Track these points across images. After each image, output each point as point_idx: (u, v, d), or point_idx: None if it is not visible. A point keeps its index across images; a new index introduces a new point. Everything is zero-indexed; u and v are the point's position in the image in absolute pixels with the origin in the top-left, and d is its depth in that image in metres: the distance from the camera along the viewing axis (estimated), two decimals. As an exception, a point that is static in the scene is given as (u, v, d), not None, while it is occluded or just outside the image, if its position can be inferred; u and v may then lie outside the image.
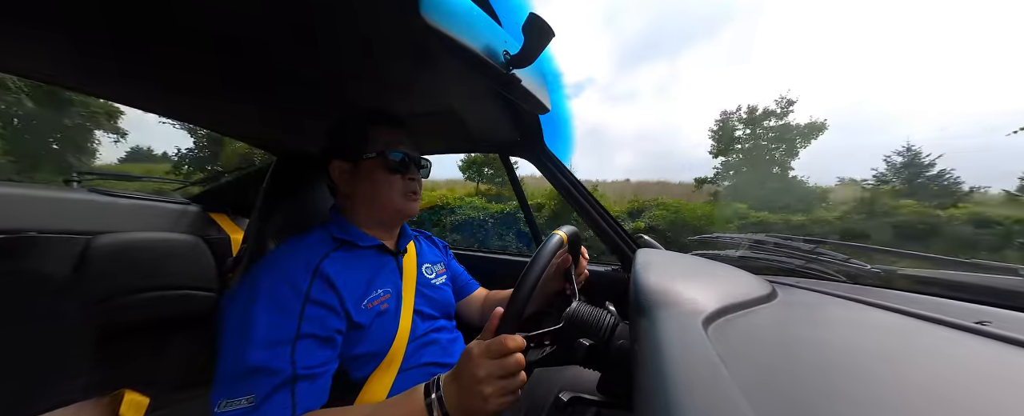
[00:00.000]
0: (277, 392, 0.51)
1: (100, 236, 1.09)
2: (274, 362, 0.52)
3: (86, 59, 0.68)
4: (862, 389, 0.27)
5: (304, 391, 0.53)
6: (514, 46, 0.64)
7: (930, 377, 0.29)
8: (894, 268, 0.71)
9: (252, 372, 0.51)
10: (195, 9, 0.52)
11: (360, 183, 0.73)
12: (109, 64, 0.70)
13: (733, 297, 0.49)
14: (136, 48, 0.63)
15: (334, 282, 0.62)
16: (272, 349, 0.53)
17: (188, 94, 0.86)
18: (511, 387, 0.47)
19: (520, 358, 0.47)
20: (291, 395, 0.51)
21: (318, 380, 0.56)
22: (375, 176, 0.72)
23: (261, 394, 0.50)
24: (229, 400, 0.50)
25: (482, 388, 0.46)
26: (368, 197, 0.73)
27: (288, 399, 0.51)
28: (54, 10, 0.52)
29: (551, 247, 0.57)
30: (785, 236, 0.93)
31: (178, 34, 0.58)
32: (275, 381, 0.51)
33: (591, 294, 0.71)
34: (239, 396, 0.50)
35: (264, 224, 1.08)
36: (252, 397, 0.50)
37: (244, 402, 0.49)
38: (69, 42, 0.62)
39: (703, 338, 0.34)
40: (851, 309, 0.52)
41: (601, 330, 0.54)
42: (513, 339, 0.47)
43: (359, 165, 0.72)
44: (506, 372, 0.46)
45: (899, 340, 0.39)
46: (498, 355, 0.47)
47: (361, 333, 0.63)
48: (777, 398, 0.25)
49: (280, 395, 0.51)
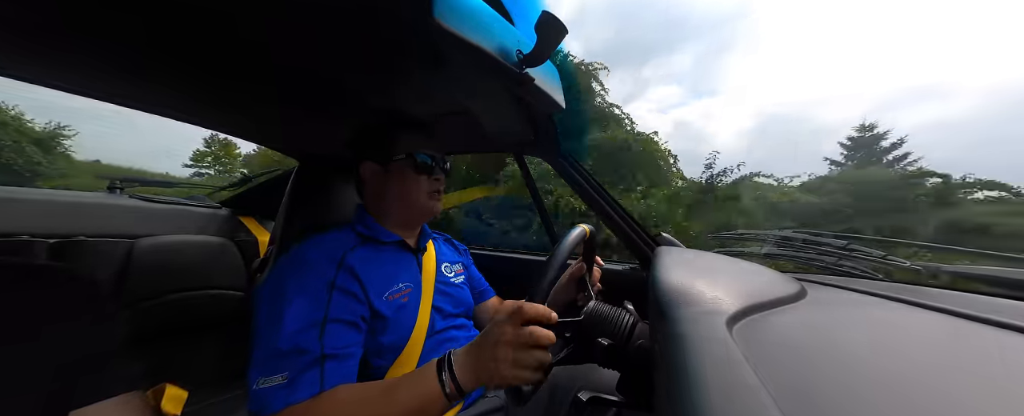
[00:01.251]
0: (308, 370, 0.54)
1: (142, 239, 1.16)
2: (304, 343, 0.56)
3: (113, 68, 0.71)
4: (904, 396, 0.25)
5: (332, 369, 0.56)
6: (527, 45, 0.64)
7: (981, 382, 0.27)
8: (936, 264, 0.66)
9: (285, 353, 0.55)
10: (217, 18, 0.54)
11: (390, 184, 0.76)
12: (137, 73, 0.73)
13: (759, 296, 0.47)
14: (164, 57, 0.66)
15: (358, 273, 0.65)
16: (303, 332, 0.57)
17: (213, 102, 0.90)
18: (529, 360, 0.46)
19: (543, 331, 0.47)
20: (320, 373, 0.55)
21: (346, 361, 0.59)
22: (404, 177, 0.76)
23: (294, 372, 0.54)
24: (265, 378, 0.54)
25: (498, 351, 0.46)
26: (397, 197, 0.77)
27: (317, 376, 0.55)
28: (85, 21, 0.55)
29: (576, 234, 0.57)
30: (815, 232, 0.89)
31: (202, 43, 0.61)
32: (306, 360, 0.55)
33: (610, 294, 0.70)
34: (274, 374, 0.54)
35: (289, 226, 1.12)
36: (286, 375, 0.53)
37: (279, 379, 0.53)
38: (97, 53, 0.65)
39: (727, 338, 0.33)
40: (889, 309, 0.49)
41: (620, 329, 0.53)
42: (536, 308, 0.47)
43: (389, 166, 0.76)
44: (527, 341, 0.46)
45: (945, 342, 0.36)
46: (521, 321, 0.47)
47: (383, 323, 0.66)
48: (808, 403, 0.24)
49: (310, 372, 0.54)
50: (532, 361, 0.47)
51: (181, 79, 0.76)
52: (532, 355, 0.46)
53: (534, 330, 0.46)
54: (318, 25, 0.55)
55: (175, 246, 1.22)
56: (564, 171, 1.08)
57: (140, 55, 0.66)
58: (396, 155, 0.75)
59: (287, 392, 0.53)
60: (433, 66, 0.66)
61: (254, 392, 0.54)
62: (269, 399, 0.53)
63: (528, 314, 0.47)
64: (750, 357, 0.29)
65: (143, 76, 0.75)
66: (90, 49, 0.64)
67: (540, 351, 0.47)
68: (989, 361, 0.31)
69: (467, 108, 0.89)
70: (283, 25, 0.56)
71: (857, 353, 0.33)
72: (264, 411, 0.53)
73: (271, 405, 0.52)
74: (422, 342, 0.70)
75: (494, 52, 0.58)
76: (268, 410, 0.52)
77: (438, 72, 0.69)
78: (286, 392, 0.53)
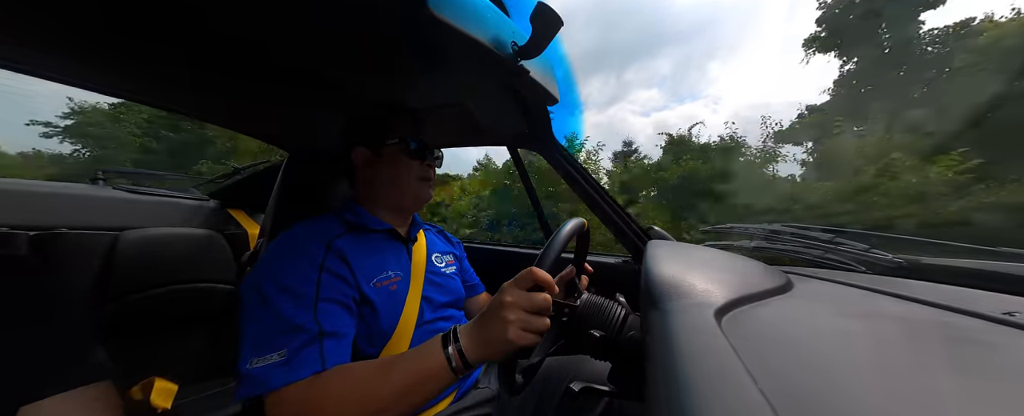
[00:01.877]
0: (306, 347, 0.53)
1: (127, 232, 1.14)
2: (299, 320, 0.54)
3: (106, 60, 0.70)
4: (881, 383, 0.26)
5: (331, 348, 0.55)
6: (522, 37, 0.63)
7: (956, 369, 0.28)
8: (917, 258, 0.68)
9: (280, 331, 0.53)
10: (210, 8, 0.53)
11: (382, 168, 0.76)
12: (127, 64, 0.72)
13: (747, 288, 0.48)
14: (153, 48, 0.64)
15: (347, 257, 0.65)
16: (297, 310, 0.55)
17: (202, 92, 0.88)
18: (534, 324, 0.47)
19: (548, 297, 0.48)
20: (320, 350, 0.53)
21: (342, 340, 0.58)
22: (397, 161, 0.75)
23: (292, 348, 0.52)
24: (259, 357, 0.51)
25: (506, 314, 0.47)
26: (389, 181, 0.76)
27: (317, 353, 0.53)
28: (74, 13, 0.54)
29: (575, 223, 0.57)
30: (802, 225, 0.91)
31: (193, 33, 0.59)
32: (304, 337, 0.53)
33: (602, 286, 0.71)
34: (270, 352, 0.52)
35: (279, 218, 1.10)
36: (283, 352, 0.51)
37: (276, 356, 0.51)
38: (90, 44, 0.63)
39: (716, 329, 0.33)
40: (872, 300, 0.51)
41: (612, 321, 0.54)
42: (543, 273, 0.48)
43: (382, 151, 0.75)
44: (532, 305, 0.47)
45: (923, 332, 0.38)
46: (526, 285, 0.48)
47: (371, 310, 0.65)
48: (793, 391, 0.25)
49: (309, 349, 0.53)
50: (538, 325, 0.48)
51: (172, 70, 0.75)
52: (537, 320, 0.48)
53: (538, 296, 0.48)
54: (312, 16, 0.54)
55: (162, 238, 1.20)
56: (557, 163, 1.08)
57: (132, 46, 0.64)
58: (389, 140, 0.75)
59: (286, 370, 0.50)
60: (427, 57, 0.65)
61: (247, 373, 0.50)
62: (266, 377, 0.50)
63: (537, 276, 0.48)
64: (738, 348, 0.29)
65: (134, 66, 0.73)
66: (82, 41, 0.62)
67: (543, 318, 0.48)
68: (960, 346, 0.33)
69: (462, 100, 0.89)
70: (276, 16, 0.54)
71: (840, 343, 0.34)
72: (262, 390, 0.49)
73: (269, 382, 0.49)
74: (411, 332, 0.70)
75: (489, 43, 0.57)
76: (267, 388, 0.49)
77: (432, 64, 0.68)
78: (285, 370, 0.50)
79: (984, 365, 0.29)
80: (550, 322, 0.49)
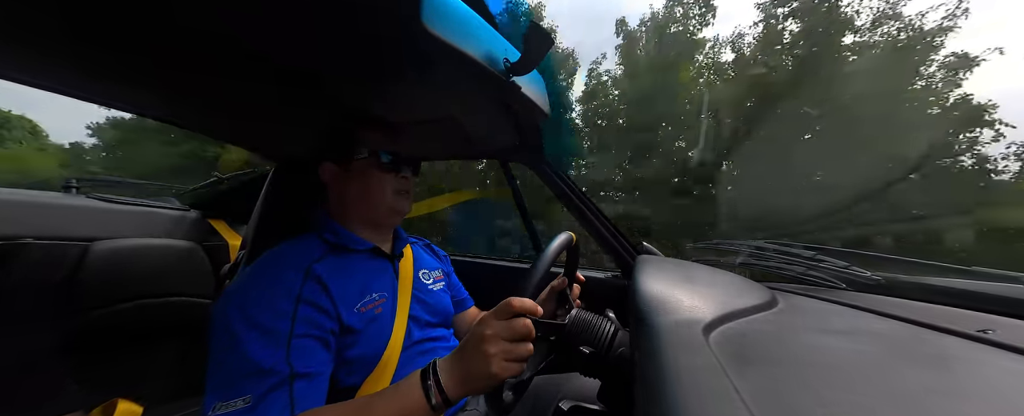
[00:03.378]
0: (274, 391, 0.50)
1: (98, 242, 1.09)
2: (269, 362, 0.51)
3: (79, 62, 0.68)
4: (862, 397, 0.27)
5: (302, 390, 0.52)
6: (514, 54, 0.65)
7: (932, 385, 0.29)
8: (895, 275, 0.70)
9: (247, 374, 0.50)
10: (193, 12, 0.52)
11: (352, 183, 0.74)
12: (105, 68, 0.70)
13: (733, 304, 0.49)
14: (134, 52, 0.63)
15: (327, 284, 0.62)
16: (266, 351, 0.52)
17: (186, 100, 0.86)
18: (517, 352, 0.46)
19: (529, 323, 0.47)
20: (289, 393, 0.50)
21: (315, 380, 0.54)
22: (367, 175, 0.73)
23: (257, 393, 0.49)
24: (224, 403, 0.48)
25: (487, 347, 0.45)
26: (359, 196, 0.74)
27: (286, 398, 0.50)
28: (48, 18, 0.52)
29: (563, 239, 0.57)
30: (786, 243, 0.93)
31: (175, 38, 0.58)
32: (272, 381, 0.50)
33: (591, 301, 0.70)
34: (234, 398, 0.48)
35: (262, 231, 1.07)
36: (248, 397, 0.48)
37: (240, 403, 0.48)
38: (66, 50, 0.62)
39: (703, 345, 0.33)
40: (851, 316, 0.52)
41: (602, 338, 0.53)
42: (522, 301, 0.47)
43: (351, 165, 0.73)
44: (513, 334, 0.46)
45: (900, 348, 0.39)
46: (506, 315, 0.47)
47: (354, 337, 0.62)
48: (778, 406, 0.25)
49: (278, 394, 0.50)
50: (522, 353, 0.46)
51: (156, 78, 0.73)
52: (519, 348, 0.46)
53: (519, 323, 0.47)
54: (305, 26, 0.54)
55: (136, 250, 1.15)
56: (548, 178, 1.09)
57: (117, 54, 0.63)
58: (358, 154, 0.72)
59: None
60: (420, 71, 0.65)
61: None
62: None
63: (515, 307, 0.47)
64: (725, 364, 0.29)
65: (119, 75, 0.72)
66: (64, 48, 0.61)
67: (526, 344, 0.47)
68: (935, 363, 0.34)
69: (453, 114, 0.89)
70: (265, 26, 0.54)
71: (824, 361, 0.35)
72: None
73: None
74: (397, 355, 0.67)
75: (481, 59, 0.58)
76: None
77: (425, 78, 0.69)
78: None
79: (961, 382, 0.30)
80: (535, 345, 0.48)
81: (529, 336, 0.47)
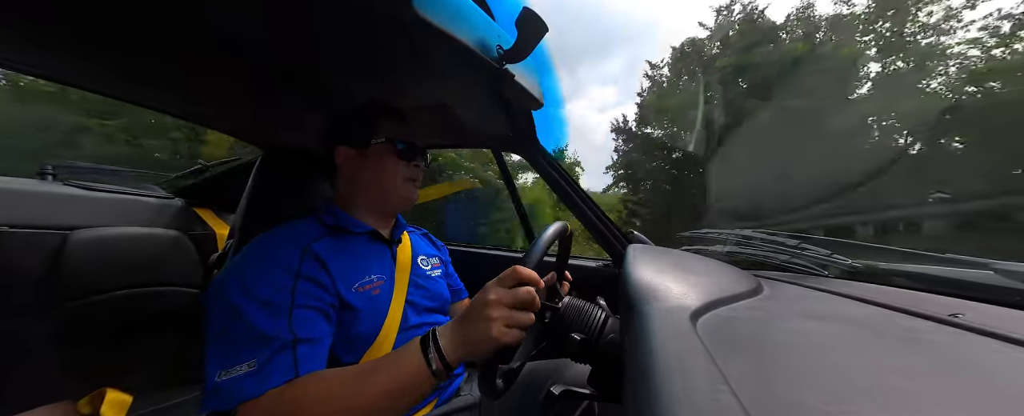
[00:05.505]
0: (278, 354, 0.50)
1: (77, 231, 1.05)
2: (272, 330, 0.52)
3: (73, 52, 0.65)
4: (841, 379, 0.28)
5: (305, 353, 0.52)
6: (507, 41, 0.64)
7: (905, 366, 0.30)
8: (874, 263, 0.73)
9: (250, 341, 0.50)
10: (185, 4, 0.50)
11: (367, 168, 0.74)
12: (93, 55, 0.67)
13: (720, 292, 0.50)
14: (122, 39, 0.61)
15: (325, 262, 0.62)
16: (268, 320, 0.52)
17: (175, 86, 0.83)
18: (518, 319, 0.47)
19: (532, 292, 0.48)
20: (293, 356, 0.51)
21: (317, 345, 0.55)
22: (383, 161, 0.74)
23: (263, 358, 0.49)
24: (228, 369, 0.49)
25: (490, 311, 0.46)
26: (373, 181, 0.74)
27: (290, 360, 0.50)
28: (41, 4, 0.50)
29: (558, 227, 0.58)
30: (771, 232, 0.96)
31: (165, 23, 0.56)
32: (276, 345, 0.51)
33: (583, 289, 0.71)
34: (239, 363, 0.49)
35: (250, 219, 1.06)
36: (253, 362, 0.49)
37: (245, 367, 0.49)
38: (57, 36, 0.59)
39: (691, 332, 0.35)
40: (832, 302, 0.54)
41: (592, 325, 0.55)
42: (528, 270, 0.48)
43: (367, 151, 0.74)
44: (516, 301, 0.47)
45: (876, 332, 0.40)
46: (510, 283, 0.48)
47: (352, 315, 0.63)
48: (762, 389, 0.26)
49: (282, 356, 0.50)
50: (523, 320, 0.47)
51: (145, 65, 0.70)
52: (521, 316, 0.47)
53: (522, 291, 0.47)
54: (293, 12, 0.52)
55: (117, 239, 1.12)
56: (540, 167, 1.09)
57: (104, 40, 0.61)
58: (375, 139, 0.73)
59: (257, 379, 0.48)
60: (411, 58, 0.64)
61: (215, 386, 0.48)
62: (235, 389, 0.47)
63: (521, 275, 0.48)
64: (711, 349, 0.30)
65: (107, 62, 0.69)
66: (48, 32, 0.58)
67: (528, 313, 0.48)
68: (909, 345, 0.35)
69: (445, 102, 0.88)
70: (256, 12, 0.52)
71: (806, 344, 0.36)
72: (232, 403, 0.47)
73: (239, 394, 0.47)
74: (393, 337, 0.68)
75: (474, 46, 0.57)
76: (237, 400, 0.47)
77: (417, 64, 0.68)
78: (256, 380, 0.48)
79: (933, 362, 0.31)
80: (534, 319, 0.49)
81: (532, 305, 0.48)
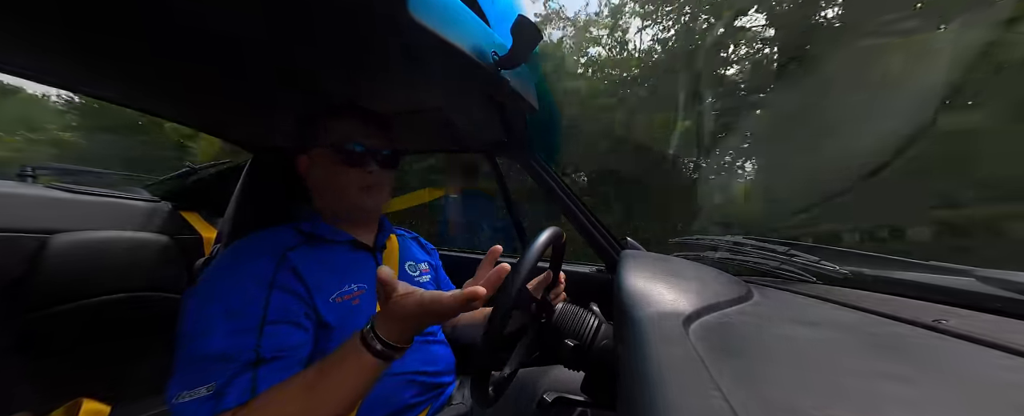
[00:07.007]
0: (238, 376, 0.49)
1: (58, 235, 1.02)
2: (235, 349, 0.50)
3: (63, 53, 0.64)
4: (830, 383, 0.28)
5: (266, 374, 0.50)
6: (502, 47, 0.64)
7: (891, 370, 0.31)
8: (861, 270, 0.74)
9: (212, 360, 0.49)
10: (176, 4, 0.50)
11: (314, 175, 0.72)
12: (82, 57, 0.66)
13: (712, 297, 0.51)
14: (117, 43, 0.60)
15: (301, 272, 0.60)
16: (235, 337, 0.51)
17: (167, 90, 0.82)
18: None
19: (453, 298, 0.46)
20: (252, 378, 0.49)
21: (285, 360, 0.53)
22: (327, 167, 0.69)
23: (221, 381, 0.48)
24: (188, 391, 0.47)
25: (426, 315, 0.47)
26: (322, 188, 0.72)
27: (248, 383, 0.49)
28: (32, 5, 0.49)
29: (550, 233, 0.57)
30: (762, 238, 0.97)
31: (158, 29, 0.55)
32: (235, 367, 0.49)
33: (576, 295, 0.71)
34: (198, 386, 0.47)
35: (239, 223, 1.04)
36: (212, 385, 0.47)
37: (203, 391, 0.47)
38: (48, 37, 0.58)
39: (683, 338, 0.35)
40: (820, 308, 0.55)
41: (586, 331, 0.54)
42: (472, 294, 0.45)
43: (313, 156, 0.71)
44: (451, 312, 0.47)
45: (864, 336, 0.41)
46: (458, 302, 0.46)
47: (327, 332, 0.60)
48: (753, 394, 0.26)
49: (241, 379, 0.49)
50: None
51: (134, 66, 0.69)
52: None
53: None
54: (286, 13, 0.52)
55: (100, 243, 1.09)
56: (534, 172, 1.09)
57: (93, 41, 0.60)
58: (322, 142, 0.69)
59: (213, 403, 0.47)
60: (406, 62, 0.64)
61: (174, 408, 0.47)
62: (190, 412, 0.47)
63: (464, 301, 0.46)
64: (703, 354, 0.31)
65: (94, 62, 0.68)
66: (40, 34, 0.57)
67: None
68: (894, 350, 0.36)
69: (439, 107, 0.88)
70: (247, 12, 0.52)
71: (795, 349, 0.37)
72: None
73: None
74: None
75: (470, 52, 0.57)
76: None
77: (411, 68, 0.68)
78: (212, 404, 0.47)
79: (918, 366, 0.32)
80: (519, 340, 0.49)
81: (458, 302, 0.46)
